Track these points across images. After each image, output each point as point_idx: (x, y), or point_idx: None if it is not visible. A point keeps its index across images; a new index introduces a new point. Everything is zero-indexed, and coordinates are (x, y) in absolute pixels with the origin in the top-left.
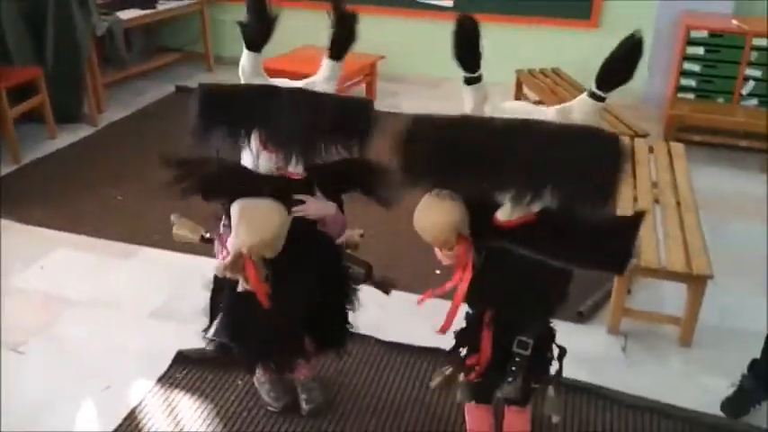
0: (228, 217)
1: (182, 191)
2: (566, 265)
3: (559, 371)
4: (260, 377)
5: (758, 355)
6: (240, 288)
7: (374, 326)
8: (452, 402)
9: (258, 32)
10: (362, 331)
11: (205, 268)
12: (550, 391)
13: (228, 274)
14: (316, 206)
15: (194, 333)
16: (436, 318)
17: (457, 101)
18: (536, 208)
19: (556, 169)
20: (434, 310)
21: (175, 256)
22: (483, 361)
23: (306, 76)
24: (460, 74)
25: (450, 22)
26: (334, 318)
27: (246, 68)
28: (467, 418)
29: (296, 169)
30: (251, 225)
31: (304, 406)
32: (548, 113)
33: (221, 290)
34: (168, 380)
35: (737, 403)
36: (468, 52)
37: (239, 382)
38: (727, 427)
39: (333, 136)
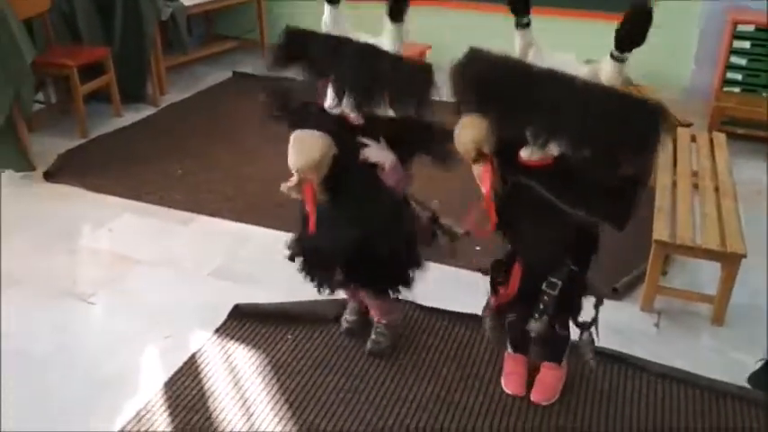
0: None
1: (272, 118)
2: (571, 209)
3: (595, 319)
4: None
5: None
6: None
7: (415, 294)
8: (487, 360)
9: None
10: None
11: (257, 236)
12: (585, 336)
13: (293, 195)
14: (375, 151)
15: (250, 291)
16: (474, 290)
17: None
18: (554, 152)
19: (580, 121)
20: (474, 283)
21: (231, 225)
22: (511, 292)
23: None
24: None
25: (494, 14)
26: (389, 261)
27: (328, 21)
28: (504, 364)
29: (354, 115)
30: (300, 150)
31: (368, 346)
32: (582, 70)
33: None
34: (225, 331)
35: (764, 376)
36: None
37: (289, 336)
38: (753, 398)
39: (389, 90)
